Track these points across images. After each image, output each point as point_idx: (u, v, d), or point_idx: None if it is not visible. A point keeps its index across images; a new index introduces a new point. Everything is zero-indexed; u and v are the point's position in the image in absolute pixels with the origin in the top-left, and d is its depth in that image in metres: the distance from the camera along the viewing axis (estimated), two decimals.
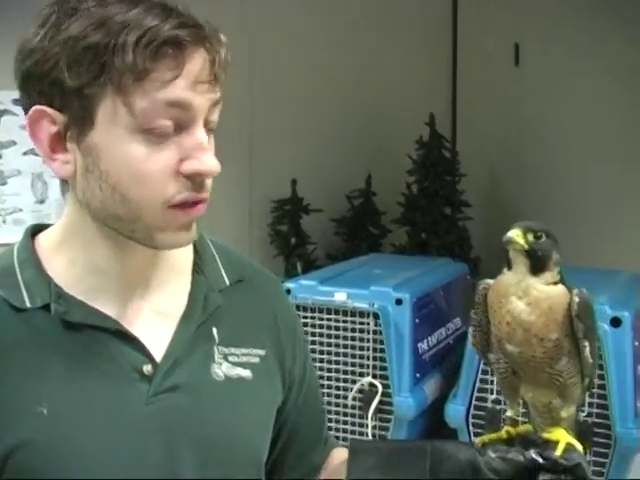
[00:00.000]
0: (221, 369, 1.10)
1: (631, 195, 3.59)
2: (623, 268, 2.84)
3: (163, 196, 0.97)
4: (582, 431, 2.15)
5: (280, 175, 3.70)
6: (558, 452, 1.11)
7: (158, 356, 1.05)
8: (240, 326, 1.14)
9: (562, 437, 1.14)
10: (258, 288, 1.21)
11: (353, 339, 2.42)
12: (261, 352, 1.15)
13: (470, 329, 1.22)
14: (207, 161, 0.98)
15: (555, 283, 1.12)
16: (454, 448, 1.16)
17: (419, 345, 2.46)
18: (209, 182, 1.00)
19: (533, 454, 1.11)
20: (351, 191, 3.85)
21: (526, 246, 1.10)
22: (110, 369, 1.02)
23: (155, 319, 1.08)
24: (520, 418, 1.23)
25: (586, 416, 2.16)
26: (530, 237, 1.11)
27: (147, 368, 1.04)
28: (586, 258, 3.39)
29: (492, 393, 2.27)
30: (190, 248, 1.15)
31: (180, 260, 1.13)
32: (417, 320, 2.45)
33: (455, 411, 2.33)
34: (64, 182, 1.03)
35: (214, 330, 1.11)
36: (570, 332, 1.12)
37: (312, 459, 1.32)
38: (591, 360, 1.14)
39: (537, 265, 1.11)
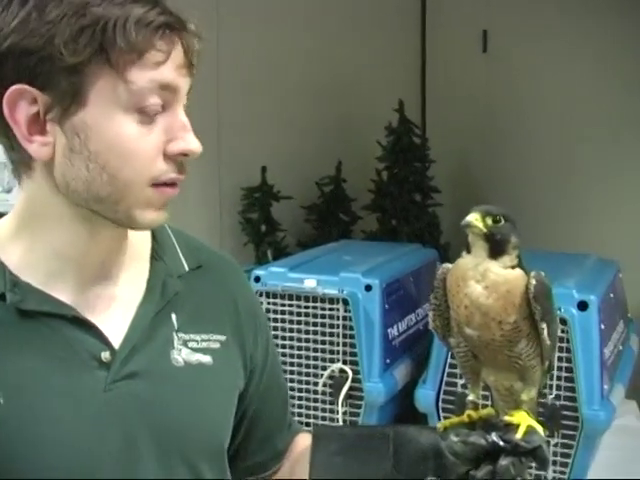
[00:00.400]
0: (180, 355, 1.08)
1: (598, 180, 3.61)
2: (591, 252, 2.85)
3: (150, 175, 0.98)
4: (550, 414, 2.17)
5: (250, 163, 3.67)
6: (519, 435, 1.11)
7: (116, 343, 1.04)
8: (200, 312, 1.13)
9: (523, 420, 1.14)
10: (218, 274, 1.20)
11: (323, 325, 2.41)
12: (221, 338, 1.14)
13: (430, 313, 1.21)
14: (192, 141, 1.00)
15: (513, 267, 1.12)
16: (416, 432, 1.15)
17: (389, 331, 2.46)
18: (186, 163, 1.02)
19: (494, 437, 1.11)
20: (321, 178, 3.84)
21: (485, 230, 1.10)
22: (67, 357, 1.01)
23: (113, 306, 1.06)
24: (483, 402, 1.23)
25: (554, 399, 2.17)
26: (489, 221, 1.11)
27: (105, 355, 1.03)
28: (554, 243, 3.41)
29: (461, 378, 2.27)
30: (148, 234, 1.13)
31: (138, 246, 1.11)
32: (387, 306, 2.44)
33: (425, 396, 2.33)
34: (18, 168, 1.01)
35: (173, 316, 1.09)
36: (528, 315, 1.12)
37: (275, 444, 1.32)
38: (549, 342, 1.14)
39: (496, 249, 1.11)
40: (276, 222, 3.72)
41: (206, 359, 1.11)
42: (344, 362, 2.39)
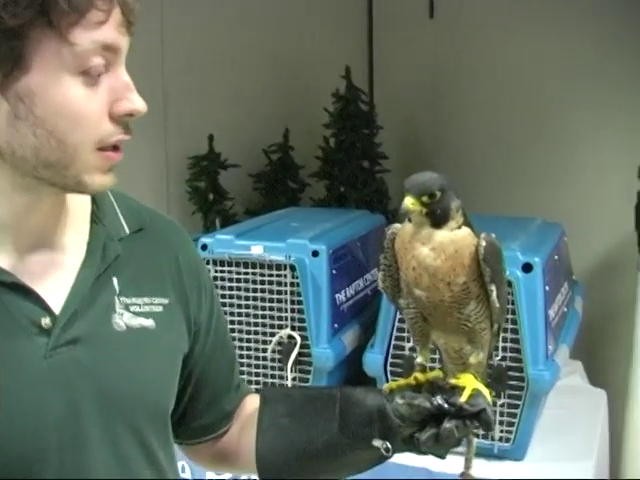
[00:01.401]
0: (122, 319, 1.07)
1: (546, 146, 3.64)
2: (537, 216, 2.89)
3: (98, 137, 0.97)
4: (496, 375, 2.19)
5: (196, 131, 3.63)
6: (463, 398, 1.12)
7: (57, 309, 1.02)
8: (142, 275, 1.12)
9: (469, 383, 1.16)
10: (160, 236, 1.19)
11: (271, 292, 2.40)
12: (164, 301, 1.13)
13: (380, 274, 1.22)
14: (137, 100, 1.00)
15: (459, 227, 1.12)
16: (363, 394, 1.16)
17: (337, 296, 2.46)
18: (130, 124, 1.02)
19: (439, 400, 1.13)
20: (269, 146, 3.81)
21: (424, 210, 1.10)
22: (6, 323, 0.99)
23: (53, 271, 1.05)
24: (434, 365, 1.25)
25: (500, 360, 2.20)
26: (425, 199, 1.11)
27: (45, 321, 1.01)
28: (502, 207, 3.44)
29: (409, 341, 2.28)
30: (88, 198, 1.12)
31: (78, 211, 1.10)
32: (334, 271, 2.44)
33: (373, 360, 2.34)
34: None
35: (114, 280, 1.08)
36: (478, 276, 1.13)
37: (223, 405, 1.32)
38: (498, 305, 1.15)
39: (438, 221, 1.12)
40: (224, 190, 3.69)
41: (149, 323, 1.10)
42: (292, 328, 2.38)
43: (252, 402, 1.33)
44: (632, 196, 2.92)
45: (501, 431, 2.26)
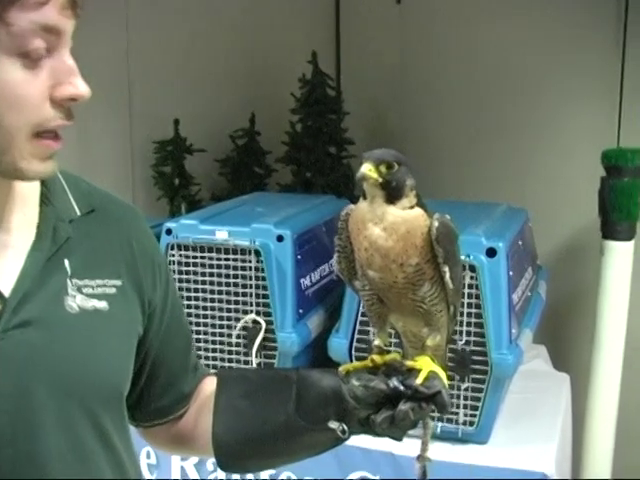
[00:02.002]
0: (75, 302, 1.05)
1: (512, 131, 3.65)
2: (502, 201, 2.89)
3: (37, 121, 0.95)
4: (460, 358, 2.20)
5: (162, 115, 3.60)
6: (419, 380, 1.12)
7: (7, 291, 1.00)
8: (94, 257, 1.10)
9: (425, 365, 1.15)
10: (112, 218, 1.17)
11: (235, 277, 2.39)
12: (117, 282, 1.11)
13: (335, 256, 1.21)
14: (80, 85, 0.97)
15: (412, 207, 1.11)
16: (319, 376, 1.16)
17: (302, 281, 2.45)
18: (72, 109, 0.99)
19: (395, 382, 1.12)
20: (235, 131, 3.79)
21: (380, 179, 1.09)
22: None
23: (2, 254, 1.02)
24: (395, 349, 1.24)
25: (464, 344, 2.20)
26: (383, 169, 1.10)
27: None
28: (469, 193, 3.46)
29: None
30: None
31: (26, 192, 1.07)
32: (299, 256, 2.43)
33: (338, 345, 2.34)
34: None
35: (66, 262, 1.06)
36: (431, 258, 1.12)
37: (180, 387, 1.31)
38: (452, 286, 1.14)
39: (393, 195, 1.11)
40: (190, 175, 3.66)
41: (102, 305, 1.08)
42: (257, 313, 2.37)
43: (209, 384, 1.33)
44: (596, 182, 2.93)
45: (465, 415, 2.27)
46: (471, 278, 2.17)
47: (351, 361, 2.29)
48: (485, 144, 3.70)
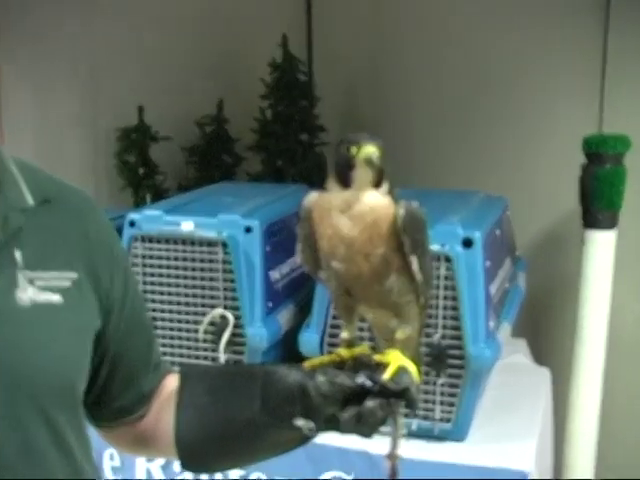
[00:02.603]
0: (27, 294, 1.04)
1: (489, 117, 3.65)
2: (480, 189, 2.90)
3: None
4: (436, 353, 2.21)
5: (125, 102, 3.58)
6: (386, 375, 1.11)
7: None
8: (48, 248, 1.09)
9: (394, 360, 1.15)
10: (68, 208, 1.16)
11: (202, 270, 2.38)
12: (72, 275, 1.10)
13: (298, 245, 1.20)
14: None
15: (385, 194, 1.12)
16: (285, 372, 1.16)
17: (271, 274, 2.45)
18: None
19: (361, 377, 1.12)
20: (202, 117, 3.77)
21: (380, 163, 1.09)
22: None
23: None
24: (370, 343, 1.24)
25: (440, 338, 2.21)
26: (380, 152, 1.10)
27: None
28: (444, 181, 3.46)
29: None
30: None
31: None
32: (268, 248, 2.43)
33: (309, 340, 2.34)
34: None
35: (17, 253, 1.05)
36: (398, 247, 1.12)
37: (141, 386, 1.30)
38: (420, 277, 1.14)
39: (379, 179, 1.11)
40: (155, 164, 3.65)
41: (56, 298, 1.07)
42: (225, 307, 2.37)
43: (172, 382, 1.32)
44: (576, 169, 2.95)
45: (441, 411, 2.28)
46: (447, 269, 2.17)
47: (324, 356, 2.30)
48: (462, 131, 3.70)
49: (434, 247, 2.14)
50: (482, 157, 3.63)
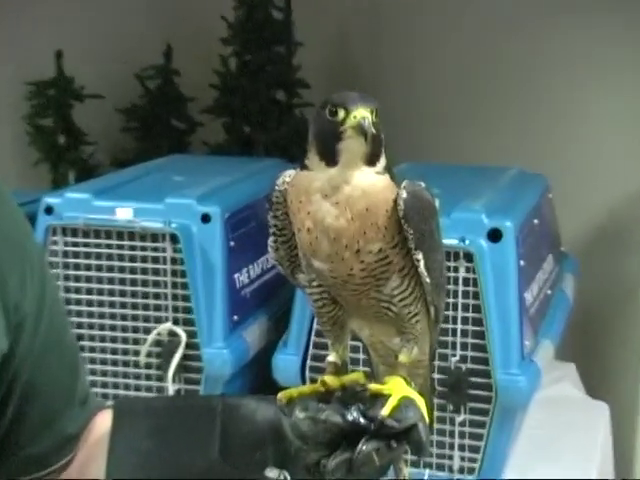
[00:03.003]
0: None
1: (526, 72, 3.65)
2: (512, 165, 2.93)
3: None
4: (453, 382, 2.23)
5: (38, 44, 3.57)
6: (385, 410, 1.13)
7: None
8: None
9: (397, 390, 1.16)
10: None
11: (144, 272, 2.41)
12: None
13: (270, 240, 1.23)
14: None
15: (382, 173, 1.15)
16: (253, 406, 1.17)
17: (236, 277, 2.48)
18: None
19: (354, 413, 1.13)
20: (144, 69, 3.78)
21: (374, 130, 1.11)
22: None
23: None
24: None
25: (459, 361, 2.24)
26: (373, 117, 1.13)
27: None
28: (465, 155, 3.47)
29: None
30: None
31: None
32: (232, 243, 2.46)
33: (287, 363, 2.36)
34: None
35: None
36: (400, 241, 1.14)
37: (63, 427, 1.30)
38: (430, 279, 1.17)
39: (375, 152, 1.13)
40: (81, 131, 3.66)
41: None
42: (175, 321, 2.40)
43: (104, 421, 1.31)
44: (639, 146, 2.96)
45: (462, 459, 2.30)
46: (467, 270, 2.21)
47: (304, 384, 2.33)
48: (488, 90, 3.69)
49: (450, 241, 2.18)
50: (516, 126, 3.62)
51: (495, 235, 2.23)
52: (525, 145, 3.56)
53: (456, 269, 2.21)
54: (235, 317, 2.46)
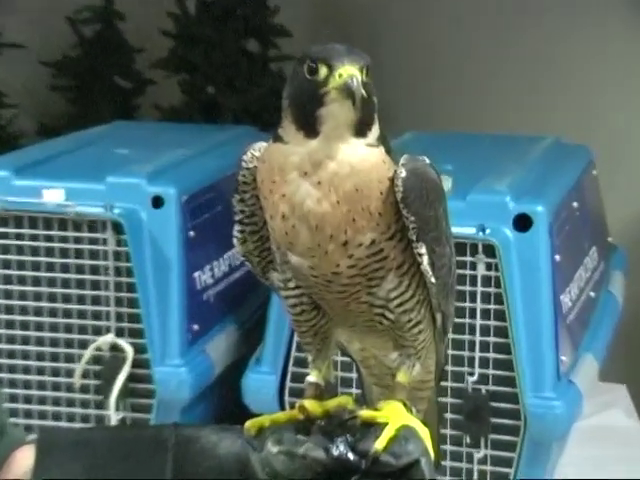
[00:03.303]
0: None
1: (564, 29, 3.68)
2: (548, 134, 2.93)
3: None
4: (471, 408, 2.25)
5: None
6: (379, 444, 1.13)
7: None
8: None
9: (393, 417, 1.17)
10: None
11: (80, 270, 2.42)
12: None
13: (235, 229, 1.24)
14: None
15: (375, 146, 1.15)
16: (213, 438, 1.18)
17: (197, 276, 2.49)
18: None
19: (341, 447, 1.14)
20: (77, 10, 3.79)
21: (364, 92, 1.11)
22: None
23: None
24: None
25: (479, 382, 2.25)
26: (364, 76, 1.13)
27: None
28: (489, 123, 3.49)
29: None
30: None
31: None
32: (192, 233, 2.46)
33: (260, 385, 2.37)
34: None
35: None
36: (397, 231, 1.15)
37: None
38: (435, 279, 1.18)
39: (366, 120, 1.14)
40: None
41: None
42: (118, 333, 2.41)
43: (26, 459, 1.33)
44: None
45: None
46: (488, 267, 2.22)
47: (282, 410, 2.33)
48: (517, 47, 3.72)
49: (466, 231, 2.18)
50: (550, 87, 3.65)
51: (523, 223, 2.24)
52: (566, 116, 3.56)
53: (474, 266, 2.22)
54: (195, 327, 2.47)
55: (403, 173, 1.12)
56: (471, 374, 2.26)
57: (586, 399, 2.37)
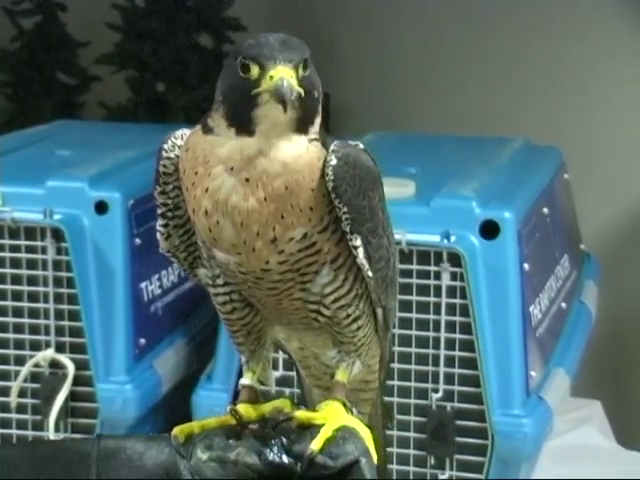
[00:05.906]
0: None
1: (538, 31, 3.71)
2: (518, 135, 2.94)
3: None
4: (435, 426, 2.25)
5: None
6: (315, 444, 1.14)
7: None
8: None
9: (331, 418, 1.18)
10: None
11: (16, 280, 2.41)
12: None
13: (158, 223, 1.24)
14: None
15: (314, 140, 1.15)
16: (138, 448, 1.19)
17: (143, 286, 2.49)
18: None
19: (275, 451, 1.15)
20: (16, 1, 3.78)
21: (302, 91, 1.12)
22: None
23: None
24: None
25: (443, 399, 2.26)
26: (301, 71, 1.13)
27: None
28: (458, 124, 3.51)
29: (278, 367, 2.30)
30: None
31: None
32: (138, 240, 2.46)
33: (212, 402, 2.36)
34: None
35: None
36: (330, 223, 1.15)
37: None
38: (371, 273, 1.18)
39: (306, 117, 1.14)
40: None
41: None
42: (58, 348, 2.40)
43: None
44: None
45: None
46: (453, 277, 2.22)
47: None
48: (484, 45, 3.74)
49: (429, 238, 2.19)
50: (520, 87, 3.67)
51: (490, 230, 2.25)
52: (533, 111, 3.58)
53: (438, 275, 2.23)
54: (142, 341, 2.46)
55: (333, 160, 1.13)
56: (435, 390, 2.26)
57: (557, 416, 2.39)
